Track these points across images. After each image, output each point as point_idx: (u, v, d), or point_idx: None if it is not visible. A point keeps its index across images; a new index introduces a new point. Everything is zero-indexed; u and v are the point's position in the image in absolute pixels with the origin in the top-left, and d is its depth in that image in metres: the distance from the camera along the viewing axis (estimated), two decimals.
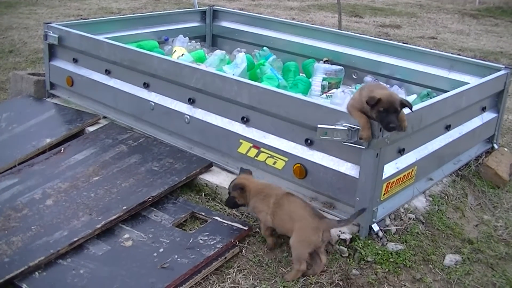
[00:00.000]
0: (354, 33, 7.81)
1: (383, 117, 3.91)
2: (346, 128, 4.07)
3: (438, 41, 12.47)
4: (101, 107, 6.22)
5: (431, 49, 8.00)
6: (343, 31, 7.89)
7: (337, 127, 4.11)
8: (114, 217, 4.37)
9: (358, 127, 4.02)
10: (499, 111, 5.87)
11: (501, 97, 5.81)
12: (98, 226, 4.27)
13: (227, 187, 4.43)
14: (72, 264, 3.96)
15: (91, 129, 5.90)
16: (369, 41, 6.84)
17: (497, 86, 5.68)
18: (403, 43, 7.17)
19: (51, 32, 6.40)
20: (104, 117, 6.14)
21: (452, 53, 6.99)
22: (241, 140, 4.89)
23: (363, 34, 7.48)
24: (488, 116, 5.77)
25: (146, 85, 5.66)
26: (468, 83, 5.48)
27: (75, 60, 6.37)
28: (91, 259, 4.02)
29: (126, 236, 4.28)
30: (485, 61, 6.21)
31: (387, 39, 8.01)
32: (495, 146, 6.01)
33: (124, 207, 4.48)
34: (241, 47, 7.32)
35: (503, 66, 5.80)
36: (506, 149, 6.10)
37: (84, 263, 3.97)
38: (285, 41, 7.40)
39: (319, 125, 4.14)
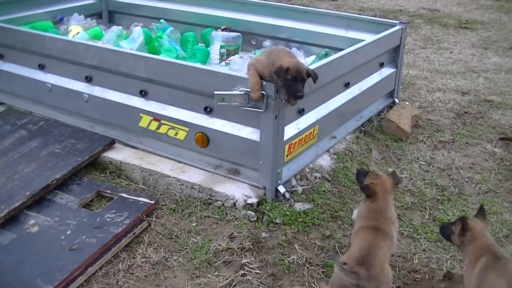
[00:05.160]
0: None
1: (290, 86, 3.92)
2: (243, 93, 4.07)
3: (338, 3, 12.61)
4: None
5: (329, 10, 8.08)
6: None
7: (234, 92, 4.11)
8: (18, 204, 4.26)
9: None
10: (397, 66, 6.01)
11: (398, 52, 5.95)
12: (2, 214, 4.15)
13: (131, 162, 4.36)
14: None
15: None
16: (267, 6, 6.85)
17: (393, 41, 5.81)
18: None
19: None
20: (1, 103, 5.95)
21: (351, 14, 7.07)
22: (141, 114, 4.82)
23: (262, 0, 7.46)
24: (387, 71, 5.90)
25: (41, 67, 5.50)
26: (365, 40, 5.57)
27: None
28: None
29: (32, 222, 4.19)
30: (381, 18, 6.32)
31: (287, 4, 8.04)
32: (396, 100, 6.16)
33: (28, 193, 4.37)
34: (138, 22, 7.19)
35: (398, 22, 5.93)
36: (407, 103, 6.26)
37: None
38: (182, 12, 7.30)
39: (215, 92, 4.14)
